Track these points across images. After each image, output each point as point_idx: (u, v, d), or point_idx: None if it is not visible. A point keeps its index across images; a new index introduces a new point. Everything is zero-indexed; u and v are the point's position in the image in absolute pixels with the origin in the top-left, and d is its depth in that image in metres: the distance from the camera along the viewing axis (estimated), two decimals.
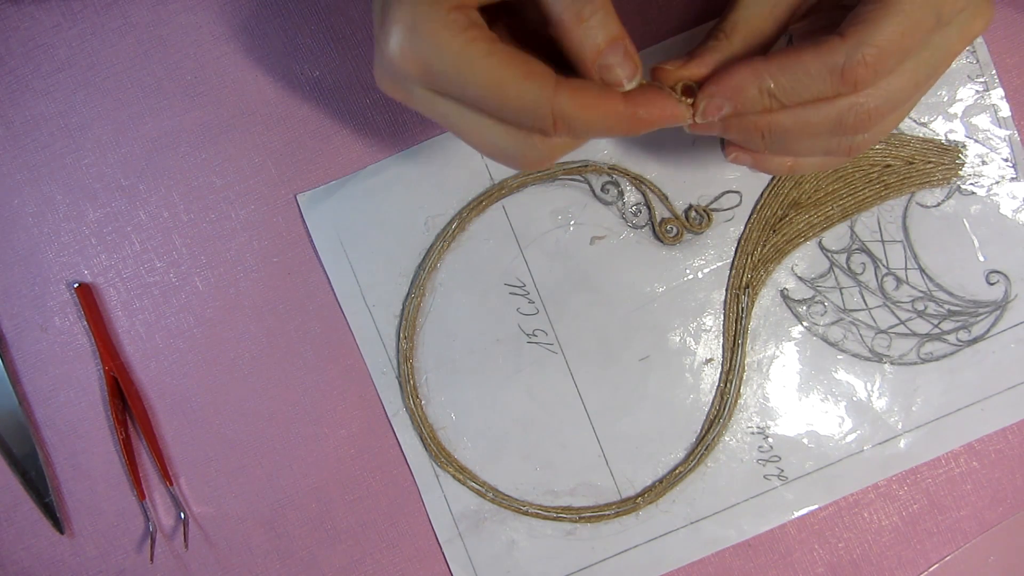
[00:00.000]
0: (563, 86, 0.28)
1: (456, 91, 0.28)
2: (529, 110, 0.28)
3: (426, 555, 0.44)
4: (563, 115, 0.28)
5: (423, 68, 0.28)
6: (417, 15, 0.27)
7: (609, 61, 0.28)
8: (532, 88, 0.27)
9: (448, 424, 0.44)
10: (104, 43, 0.43)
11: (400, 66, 0.28)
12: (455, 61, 0.27)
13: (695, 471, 0.43)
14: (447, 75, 0.28)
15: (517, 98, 0.27)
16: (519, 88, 0.27)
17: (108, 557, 0.45)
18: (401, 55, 0.28)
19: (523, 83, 0.27)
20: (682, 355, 0.43)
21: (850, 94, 0.30)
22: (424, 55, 0.28)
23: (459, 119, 0.30)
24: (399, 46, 0.28)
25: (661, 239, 0.43)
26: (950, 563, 0.44)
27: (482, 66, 0.27)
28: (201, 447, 0.44)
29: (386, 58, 0.28)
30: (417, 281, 0.43)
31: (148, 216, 0.44)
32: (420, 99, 0.30)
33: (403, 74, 0.29)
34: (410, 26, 0.27)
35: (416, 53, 0.28)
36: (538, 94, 0.27)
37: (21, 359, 0.44)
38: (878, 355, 0.43)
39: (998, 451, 0.43)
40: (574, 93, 0.28)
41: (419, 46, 0.28)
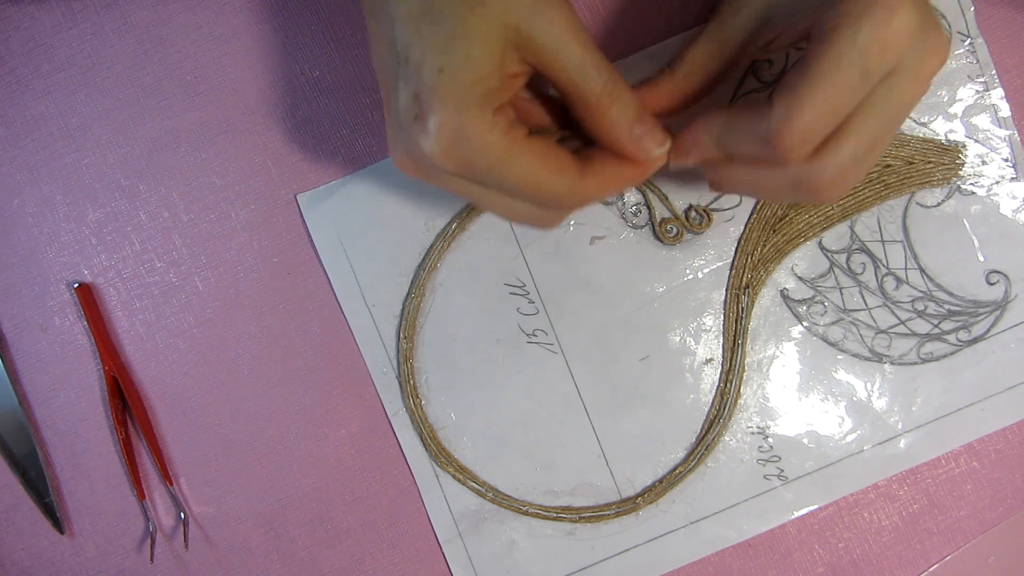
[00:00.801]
0: (587, 173, 0.31)
1: (491, 184, 0.30)
2: (560, 198, 0.31)
3: (426, 555, 0.44)
4: (587, 196, 0.31)
5: (464, 166, 0.29)
6: (464, 119, 0.28)
7: (639, 133, 0.32)
8: (563, 181, 0.31)
9: (448, 424, 0.44)
10: (104, 43, 0.43)
11: (439, 162, 0.29)
12: (498, 161, 0.29)
13: (695, 471, 0.43)
14: (488, 172, 0.30)
15: (550, 190, 0.31)
16: (553, 182, 0.30)
17: (108, 557, 0.45)
18: (443, 153, 0.29)
19: (556, 177, 0.30)
20: (682, 355, 0.43)
21: (795, 164, 0.31)
22: (468, 156, 0.29)
23: (487, 199, 0.32)
24: (442, 145, 0.29)
25: (661, 239, 0.43)
26: (950, 563, 0.44)
27: (520, 164, 0.30)
28: (201, 447, 0.44)
29: (421, 151, 0.29)
30: (417, 281, 0.43)
31: (148, 216, 0.44)
32: (447, 182, 0.31)
33: (438, 167, 0.30)
34: (456, 129, 0.28)
35: (459, 153, 0.29)
36: (569, 185, 0.31)
37: (21, 359, 0.44)
38: (878, 355, 0.43)
39: (998, 451, 0.43)
40: (596, 176, 0.31)
41: (464, 148, 0.29)
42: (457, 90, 0.28)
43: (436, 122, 0.28)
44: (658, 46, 0.42)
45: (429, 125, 0.28)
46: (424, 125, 0.28)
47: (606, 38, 0.42)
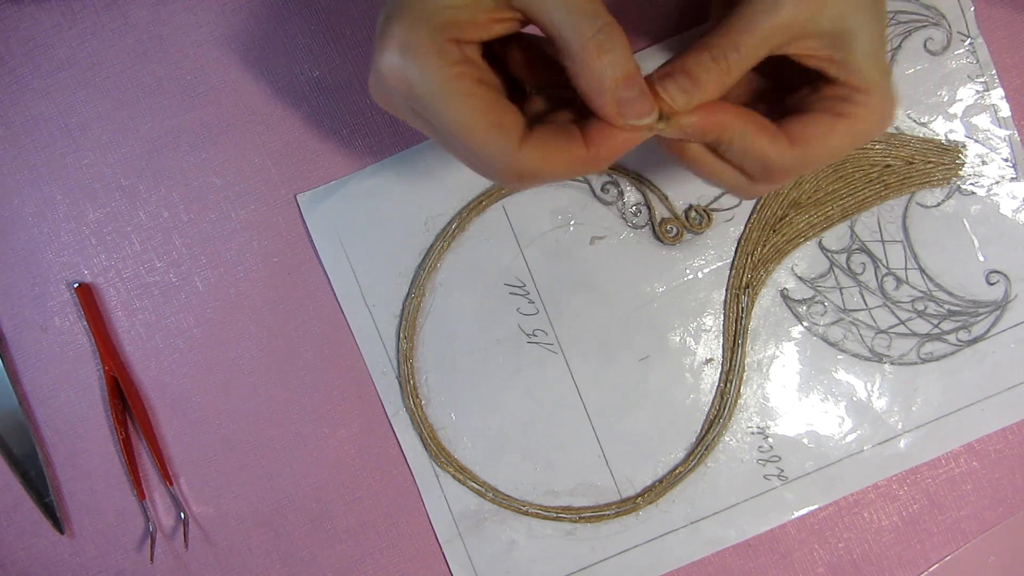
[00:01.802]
0: (529, 141, 0.28)
1: (431, 118, 0.29)
2: (491, 158, 0.28)
3: (426, 555, 0.44)
4: (524, 169, 0.28)
5: (407, 88, 0.28)
6: (412, 37, 0.27)
7: (626, 95, 0.28)
8: (497, 139, 0.28)
9: (448, 424, 0.44)
10: (104, 43, 0.43)
11: (387, 81, 0.28)
12: (435, 91, 0.28)
13: (695, 471, 0.43)
14: (425, 101, 0.28)
15: (482, 145, 0.28)
16: (486, 136, 0.28)
17: (108, 557, 0.45)
18: (389, 70, 0.28)
19: (490, 132, 0.28)
20: (682, 355, 0.43)
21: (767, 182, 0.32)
22: (409, 76, 0.28)
23: (439, 138, 0.30)
24: (390, 61, 0.28)
25: (661, 239, 0.43)
26: (950, 563, 0.44)
27: (458, 105, 0.28)
28: (201, 447, 0.44)
29: (377, 70, 0.29)
30: (417, 281, 0.43)
31: (148, 216, 0.44)
32: (406, 115, 0.30)
33: (389, 89, 0.29)
34: (403, 45, 0.28)
35: (403, 72, 0.28)
36: (502, 146, 0.28)
37: (21, 359, 0.44)
38: (878, 355, 0.43)
39: (998, 451, 0.43)
40: (537, 147, 0.28)
41: (407, 67, 0.28)
42: (419, 9, 0.27)
43: (389, 35, 0.27)
44: (671, 40, 0.42)
45: (384, 39, 0.28)
46: (382, 41, 0.28)
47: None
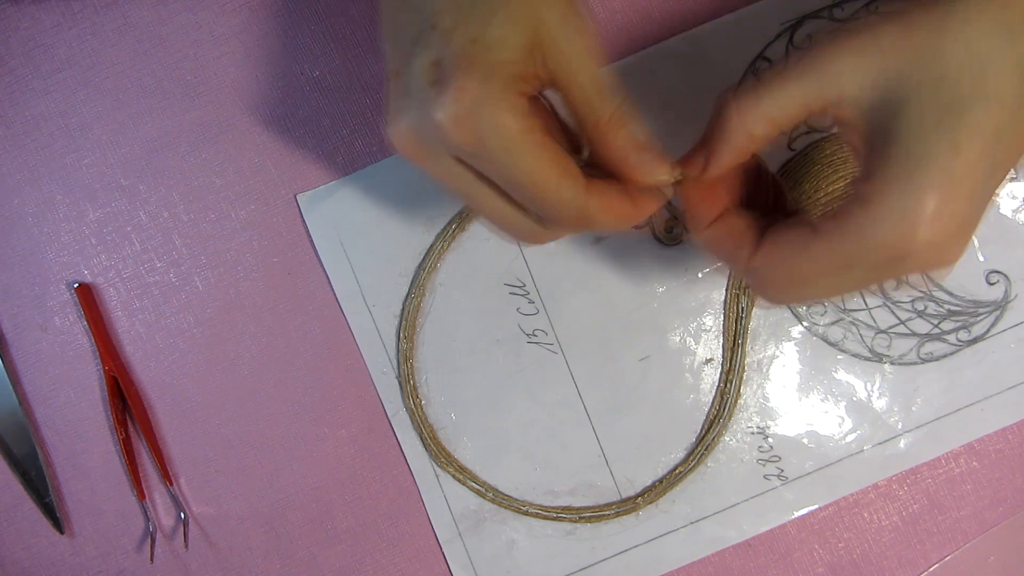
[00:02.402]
0: (592, 190, 0.30)
1: (495, 173, 0.29)
2: (562, 205, 0.29)
3: (426, 555, 0.44)
4: (587, 215, 0.30)
5: (474, 142, 0.27)
6: (487, 91, 0.27)
7: (646, 158, 0.30)
8: (569, 188, 0.29)
9: (448, 424, 0.44)
10: (104, 43, 0.43)
11: (449, 133, 0.27)
12: (510, 146, 0.28)
13: (695, 471, 0.43)
14: (496, 157, 0.28)
15: (555, 194, 0.29)
16: (559, 187, 0.29)
17: (108, 557, 0.45)
18: (456, 123, 0.27)
19: (563, 182, 0.29)
20: (682, 355, 0.43)
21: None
22: (482, 131, 0.27)
23: (479, 195, 0.30)
24: (457, 115, 0.27)
25: (661, 239, 0.43)
26: (950, 563, 0.44)
27: (531, 155, 0.28)
28: (201, 447, 0.44)
29: (431, 119, 0.27)
30: (417, 281, 0.43)
31: (148, 216, 0.44)
32: (443, 166, 0.30)
33: (446, 141, 0.28)
34: (476, 98, 0.27)
35: (473, 125, 0.27)
36: (573, 195, 0.29)
37: (21, 359, 0.44)
38: (878, 355, 0.43)
39: (998, 451, 0.43)
40: (600, 196, 0.30)
41: (481, 121, 0.27)
42: (487, 62, 0.27)
43: (457, 88, 0.27)
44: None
45: (448, 91, 0.27)
46: (442, 90, 0.27)
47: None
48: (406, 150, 0.29)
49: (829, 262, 0.28)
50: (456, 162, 0.29)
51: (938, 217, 0.26)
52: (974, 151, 0.26)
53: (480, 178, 0.30)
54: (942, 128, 0.26)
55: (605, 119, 0.30)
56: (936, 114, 0.26)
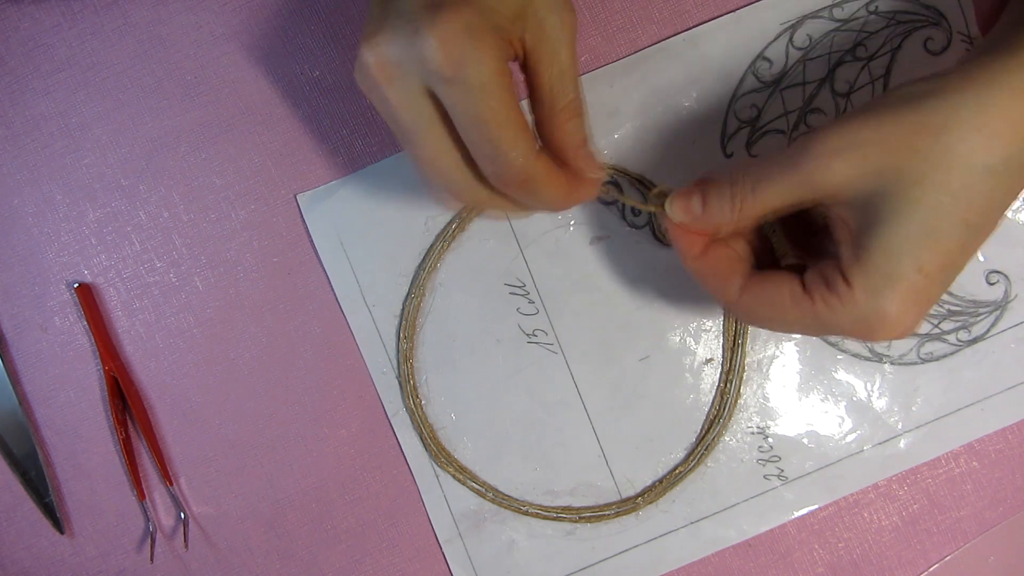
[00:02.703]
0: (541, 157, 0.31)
1: (461, 107, 0.29)
2: (512, 160, 0.30)
3: (426, 555, 0.44)
4: (532, 177, 0.31)
5: (455, 69, 0.28)
6: (478, 23, 0.28)
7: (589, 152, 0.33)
8: (524, 143, 0.30)
9: (448, 424, 0.44)
10: (104, 43, 0.43)
11: (434, 53, 0.27)
12: (486, 83, 0.28)
13: (695, 471, 0.43)
14: (470, 90, 0.28)
15: (510, 144, 0.29)
16: (515, 138, 0.29)
17: (108, 557, 0.45)
18: (443, 45, 0.27)
19: (519, 135, 0.30)
20: (682, 355, 0.43)
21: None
22: (465, 60, 0.28)
23: (429, 133, 0.30)
24: (446, 37, 0.27)
25: (661, 239, 0.43)
26: (950, 563, 0.44)
27: (501, 102, 0.29)
28: (201, 447, 0.44)
29: (419, 38, 0.28)
30: (417, 281, 0.43)
31: (148, 216, 0.44)
32: (407, 93, 0.29)
33: (427, 62, 0.28)
34: (469, 27, 0.28)
35: (459, 54, 0.28)
36: (526, 151, 0.30)
37: (21, 359, 0.44)
38: (878, 355, 0.43)
39: (998, 451, 0.43)
40: (546, 165, 0.31)
41: (466, 50, 0.28)
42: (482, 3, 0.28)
43: (453, 11, 0.27)
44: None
45: (443, 13, 0.27)
46: (437, 13, 0.27)
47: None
48: (378, 68, 0.29)
49: (808, 320, 0.32)
50: (421, 92, 0.29)
51: (904, 315, 0.30)
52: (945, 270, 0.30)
53: (436, 116, 0.30)
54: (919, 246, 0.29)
55: (562, 104, 0.32)
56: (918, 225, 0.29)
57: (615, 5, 0.42)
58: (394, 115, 0.30)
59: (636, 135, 0.42)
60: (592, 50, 0.42)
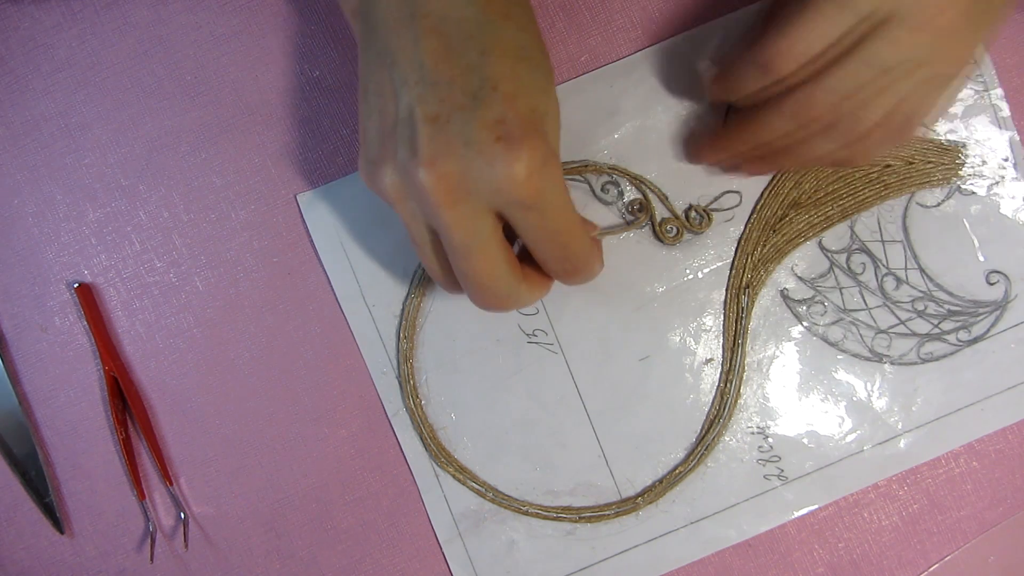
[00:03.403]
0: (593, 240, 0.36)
1: (541, 224, 0.31)
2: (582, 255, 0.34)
3: (426, 555, 0.44)
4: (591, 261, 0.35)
5: (536, 196, 0.30)
6: (546, 151, 0.30)
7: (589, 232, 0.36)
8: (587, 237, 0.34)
9: (448, 424, 0.44)
10: (104, 43, 0.43)
11: (518, 186, 0.30)
12: (561, 202, 0.32)
13: (695, 471, 0.43)
14: (550, 211, 0.31)
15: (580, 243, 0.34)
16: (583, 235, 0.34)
17: (108, 557, 0.45)
18: (527, 178, 0.30)
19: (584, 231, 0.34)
20: (682, 355, 0.43)
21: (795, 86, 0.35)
22: (544, 187, 0.30)
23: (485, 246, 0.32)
24: (530, 170, 0.30)
25: (661, 239, 0.43)
26: (950, 563, 0.44)
27: (572, 212, 0.32)
28: (201, 447, 0.44)
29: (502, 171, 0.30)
30: (417, 281, 0.43)
31: (148, 216, 0.44)
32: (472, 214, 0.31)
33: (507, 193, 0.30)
34: (546, 157, 0.30)
35: (539, 182, 0.30)
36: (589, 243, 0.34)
37: (21, 359, 0.44)
38: (878, 355, 0.43)
39: (998, 451, 0.43)
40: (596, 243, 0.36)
41: (544, 178, 0.30)
42: (544, 130, 0.30)
43: (531, 147, 0.29)
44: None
45: (522, 148, 0.29)
46: (513, 147, 0.29)
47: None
48: (443, 192, 0.30)
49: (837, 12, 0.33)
50: (486, 213, 0.31)
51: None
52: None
53: (496, 232, 0.32)
54: None
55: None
56: None
57: (615, 5, 0.42)
58: (448, 233, 0.31)
59: (636, 135, 0.42)
60: (592, 50, 0.42)
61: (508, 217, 0.31)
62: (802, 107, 0.34)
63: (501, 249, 0.32)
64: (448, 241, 0.32)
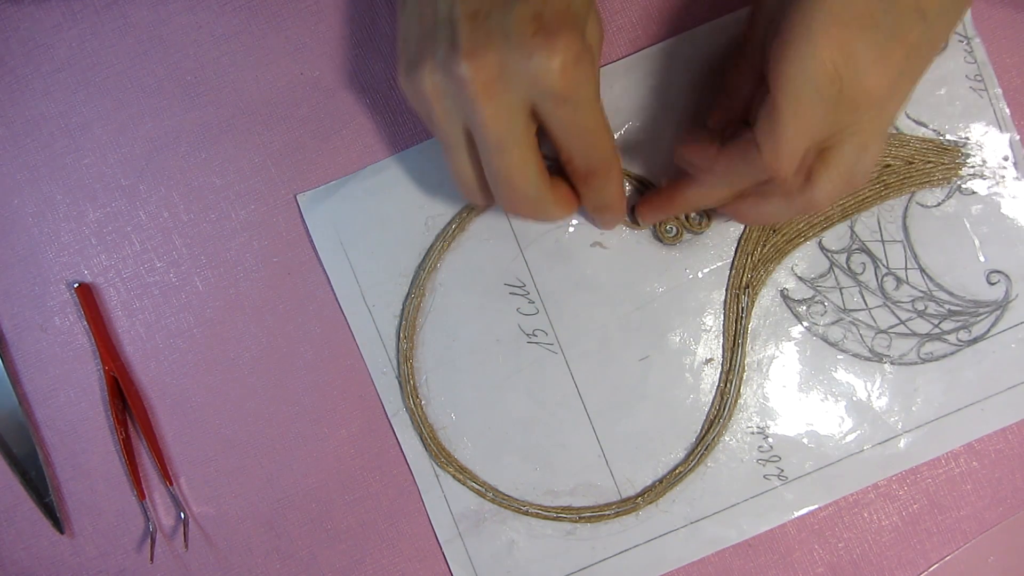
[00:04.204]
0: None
1: (573, 119, 0.32)
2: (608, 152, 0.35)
3: (426, 555, 0.44)
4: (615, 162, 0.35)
5: (571, 90, 0.31)
6: (582, 47, 0.31)
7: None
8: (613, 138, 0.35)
9: (448, 424, 0.44)
10: (104, 43, 0.43)
11: (553, 78, 0.30)
12: (592, 97, 0.32)
13: (695, 471, 0.43)
14: (582, 106, 0.32)
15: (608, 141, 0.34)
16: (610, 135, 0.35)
17: (108, 557, 0.45)
18: (562, 71, 0.30)
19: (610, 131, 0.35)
20: (682, 355, 0.43)
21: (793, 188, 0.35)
22: (578, 81, 0.31)
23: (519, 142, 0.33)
24: (565, 63, 0.30)
25: (661, 239, 0.43)
26: (950, 563, 0.44)
27: (601, 110, 0.33)
28: (201, 447, 0.44)
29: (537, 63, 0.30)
30: (417, 281, 0.43)
31: (148, 216, 0.44)
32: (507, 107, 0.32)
33: (541, 85, 0.30)
34: (580, 53, 0.31)
35: (573, 76, 0.31)
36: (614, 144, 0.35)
37: (21, 359, 0.44)
38: (878, 355, 0.43)
39: (998, 451, 0.43)
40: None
41: (579, 72, 0.31)
42: (579, 26, 0.31)
43: (567, 40, 0.30)
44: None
45: (559, 41, 0.30)
46: (550, 41, 0.30)
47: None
48: (482, 84, 0.31)
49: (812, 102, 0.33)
50: (522, 108, 0.32)
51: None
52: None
53: (530, 129, 0.33)
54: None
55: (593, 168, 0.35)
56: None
57: (615, 5, 0.42)
58: (485, 126, 0.32)
59: (636, 135, 0.42)
60: None
61: (541, 112, 0.32)
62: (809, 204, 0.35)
63: (533, 150, 0.33)
64: (483, 137, 0.32)
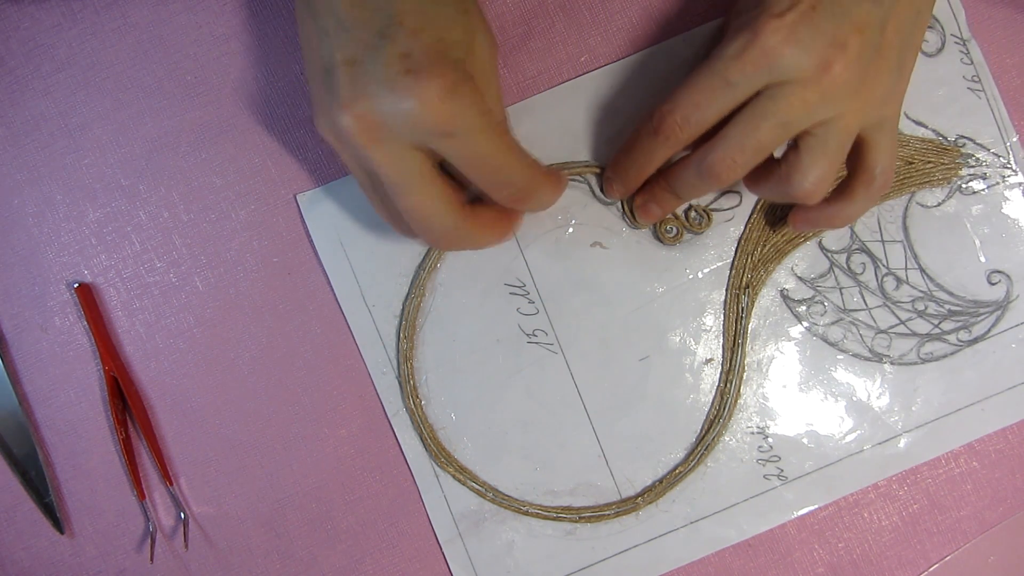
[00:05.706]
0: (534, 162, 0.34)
1: (464, 151, 0.31)
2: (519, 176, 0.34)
3: (426, 555, 0.44)
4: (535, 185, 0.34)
5: (447, 122, 0.30)
6: (460, 78, 0.30)
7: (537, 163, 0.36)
8: (524, 157, 0.34)
9: (448, 424, 0.44)
10: (104, 43, 0.43)
11: (427, 115, 0.30)
12: (477, 124, 0.31)
13: (695, 471, 0.43)
14: (466, 134, 0.31)
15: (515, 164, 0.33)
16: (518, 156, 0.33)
17: (108, 557, 0.45)
18: (436, 105, 0.30)
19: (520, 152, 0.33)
20: (682, 355, 0.43)
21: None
22: (453, 111, 0.30)
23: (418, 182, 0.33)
24: (438, 97, 0.30)
25: (661, 239, 0.43)
26: (950, 563, 0.44)
27: (494, 133, 0.32)
28: (201, 447, 0.44)
29: (409, 103, 0.30)
30: (417, 281, 0.43)
31: (148, 216, 0.44)
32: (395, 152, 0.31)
33: (420, 124, 0.30)
34: (454, 84, 0.30)
35: (450, 109, 0.30)
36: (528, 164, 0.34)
37: (21, 359, 0.44)
38: (878, 355, 0.43)
39: (998, 451, 0.43)
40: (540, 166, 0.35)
41: (452, 103, 0.30)
42: (452, 59, 0.31)
43: (435, 75, 0.30)
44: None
45: (426, 78, 0.30)
46: (420, 78, 0.30)
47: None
48: (363, 132, 0.31)
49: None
50: (410, 148, 0.31)
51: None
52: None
53: (427, 167, 0.32)
54: None
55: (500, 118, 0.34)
56: None
57: (615, 5, 0.42)
58: (379, 173, 0.32)
59: None
60: (592, 50, 0.42)
61: (435, 149, 0.31)
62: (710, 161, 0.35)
63: (435, 185, 0.33)
64: (380, 182, 0.32)
